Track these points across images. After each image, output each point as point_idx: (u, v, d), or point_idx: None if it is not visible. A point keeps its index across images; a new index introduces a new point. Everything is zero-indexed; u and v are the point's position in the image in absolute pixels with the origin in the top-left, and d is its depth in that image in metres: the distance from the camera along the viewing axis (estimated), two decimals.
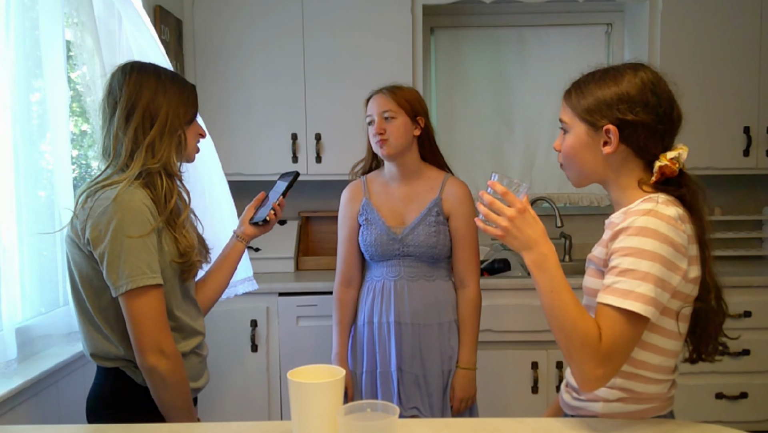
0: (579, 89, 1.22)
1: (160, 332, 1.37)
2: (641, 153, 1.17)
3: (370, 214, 2.04)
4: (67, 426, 1.44)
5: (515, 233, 1.14)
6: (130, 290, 1.33)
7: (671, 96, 1.18)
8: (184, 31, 2.95)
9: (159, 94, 1.45)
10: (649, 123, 1.15)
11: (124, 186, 1.36)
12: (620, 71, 1.19)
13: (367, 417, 1.05)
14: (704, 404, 2.82)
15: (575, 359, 1.09)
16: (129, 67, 1.48)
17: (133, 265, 1.33)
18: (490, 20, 3.36)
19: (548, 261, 1.12)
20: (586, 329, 1.08)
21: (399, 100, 1.96)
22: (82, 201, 1.39)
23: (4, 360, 1.53)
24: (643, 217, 1.09)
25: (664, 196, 1.14)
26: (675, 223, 1.09)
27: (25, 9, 1.68)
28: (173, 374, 1.39)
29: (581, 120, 1.20)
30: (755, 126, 3.03)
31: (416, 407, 1.99)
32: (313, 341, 2.78)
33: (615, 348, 1.07)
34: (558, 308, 1.10)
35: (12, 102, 1.60)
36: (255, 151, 3.02)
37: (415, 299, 1.99)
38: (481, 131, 3.41)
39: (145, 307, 1.35)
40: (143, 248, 1.35)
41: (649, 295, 1.06)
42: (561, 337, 1.10)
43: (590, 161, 1.20)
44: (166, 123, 1.44)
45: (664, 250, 1.07)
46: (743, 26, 3.00)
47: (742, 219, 3.28)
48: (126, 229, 1.33)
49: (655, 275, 1.07)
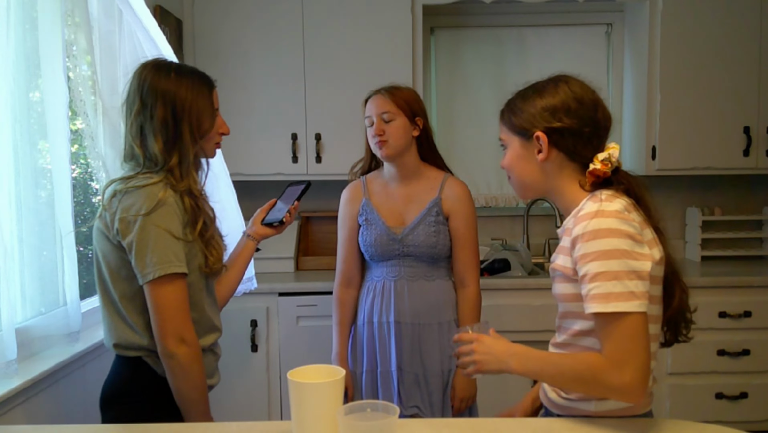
0: (509, 107, 1.33)
1: (182, 319, 1.40)
2: (574, 157, 1.24)
3: (370, 215, 2.04)
4: (67, 426, 1.44)
5: (485, 359, 1.27)
6: (156, 278, 1.36)
7: (595, 101, 1.25)
8: (184, 31, 2.95)
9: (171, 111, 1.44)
10: (573, 127, 1.22)
11: (156, 187, 1.40)
12: (543, 85, 1.28)
13: (367, 417, 1.05)
14: (704, 404, 2.82)
15: (602, 388, 1.13)
16: (144, 68, 1.48)
17: (160, 253, 1.36)
18: (490, 20, 3.36)
19: (524, 357, 1.23)
20: (584, 364, 1.15)
21: (397, 101, 1.96)
22: (111, 194, 1.42)
23: (3, 360, 1.52)
24: (593, 220, 1.13)
25: (607, 191, 1.19)
26: (623, 215, 1.13)
27: (25, 9, 1.68)
28: (192, 363, 1.41)
29: (514, 134, 1.30)
30: (755, 126, 3.03)
31: (416, 406, 1.99)
32: (313, 341, 2.78)
33: (622, 351, 1.10)
34: (556, 375, 1.20)
35: (12, 102, 1.60)
36: (255, 151, 3.02)
37: (415, 299, 1.99)
38: (481, 131, 3.41)
39: (170, 294, 1.38)
40: (170, 237, 1.38)
41: (628, 290, 1.09)
42: (577, 387, 1.18)
43: (529, 171, 1.28)
44: (184, 146, 1.45)
45: (624, 244, 1.11)
46: (743, 26, 3.00)
47: (742, 219, 3.28)
48: (154, 219, 1.37)
49: (626, 270, 1.10)
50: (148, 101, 1.43)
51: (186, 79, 1.48)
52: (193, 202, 1.46)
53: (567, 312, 1.25)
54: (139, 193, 1.38)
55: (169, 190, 1.41)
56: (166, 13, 2.71)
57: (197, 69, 1.56)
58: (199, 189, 1.50)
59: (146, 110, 1.43)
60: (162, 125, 1.43)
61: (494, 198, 3.41)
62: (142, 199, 1.37)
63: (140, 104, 1.44)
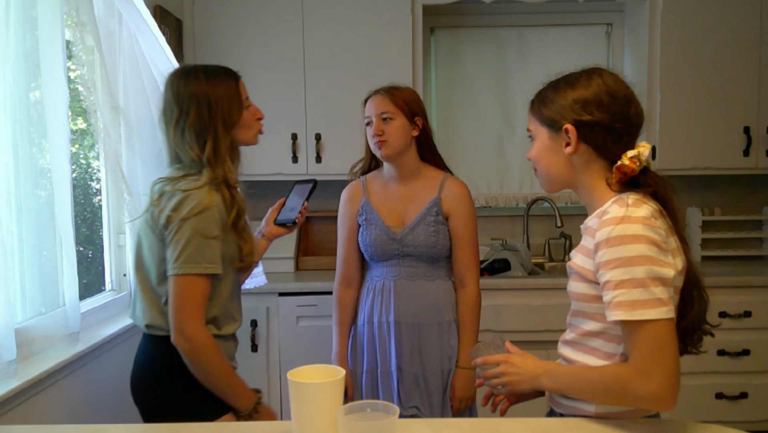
0: (540, 98, 1.28)
1: (185, 315, 1.50)
2: (602, 152, 1.21)
3: (370, 215, 2.04)
4: (67, 426, 1.44)
5: (518, 379, 1.25)
6: (180, 274, 1.49)
7: (629, 96, 1.22)
8: (184, 31, 2.95)
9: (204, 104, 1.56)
10: (604, 122, 1.19)
11: (204, 190, 1.52)
12: (576, 76, 1.24)
13: (367, 417, 1.05)
14: (704, 404, 2.82)
15: (632, 399, 1.11)
16: (174, 77, 1.61)
17: (190, 254, 1.49)
18: (490, 20, 3.36)
19: (554, 374, 1.22)
20: (611, 376, 1.13)
21: (397, 101, 1.96)
22: (159, 191, 1.56)
23: (3, 361, 1.52)
24: (619, 226, 1.11)
25: (634, 195, 1.17)
26: (650, 222, 1.11)
27: (25, 9, 1.68)
28: (194, 355, 1.52)
29: (543, 125, 1.26)
30: (755, 126, 3.03)
31: (416, 406, 1.98)
32: (313, 341, 2.78)
33: (649, 359, 1.08)
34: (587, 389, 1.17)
35: (12, 101, 1.60)
36: (255, 151, 2.95)
37: (415, 299, 1.99)
38: (481, 131, 3.41)
39: (184, 291, 1.50)
40: (205, 243, 1.50)
41: (655, 297, 1.08)
42: (608, 400, 1.16)
43: (555, 164, 1.25)
44: (216, 137, 1.57)
45: (649, 250, 1.09)
46: (743, 26, 3.00)
47: (742, 219, 3.28)
48: (194, 222, 1.49)
49: (651, 277, 1.08)
50: (183, 107, 1.56)
51: (212, 77, 1.60)
52: (228, 193, 1.57)
53: (578, 311, 1.23)
54: (185, 195, 1.51)
55: (213, 193, 1.53)
56: (166, 13, 2.71)
57: (221, 65, 1.67)
58: (235, 178, 1.60)
59: (184, 115, 1.56)
60: (198, 123, 1.56)
61: (494, 198, 3.41)
62: (186, 202, 1.50)
63: (178, 111, 1.57)
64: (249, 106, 1.67)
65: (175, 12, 2.85)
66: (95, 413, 1.95)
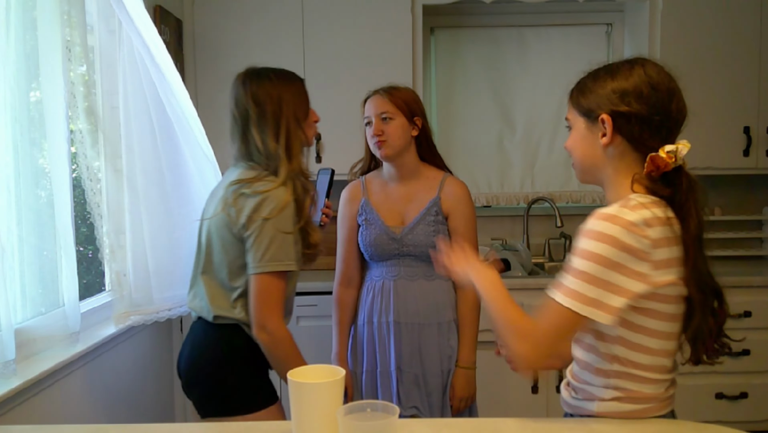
0: (579, 87, 1.27)
1: (267, 311, 1.61)
2: (637, 145, 1.17)
3: (369, 215, 2.04)
4: (67, 426, 1.44)
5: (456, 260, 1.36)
6: (262, 273, 1.59)
7: (672, 90, 1.17)
8: (184, 31, 2.95)
9: (278, 102, 1.68)
10: (642, 114, 1.15)
11: (281, 189, 1.61)
12: (617, 66, 1.22)
13: (367, 417, 1.05)
14: (704, 404, 2.82)
15: (505, 342, 1.20)
16: (246, 78, 1.71)
17: (273, 253, 1.59)
18: (490, 20, 3.36)
19: (483, 277, 1.28)
20: (510, 314, 1.21)
21: (396, 101, 1.96)
22: (237, 192, 1.63)
23: (2, 361, 1.53)
24: (600, 221, 1.12)
25: (643, 198, 1.14)
26: (634, 228, 1.09)
27: (25, 9, 1.68)
28: (274, 348, 1.64)
29: (580, 115, 1.25)
30: (755, 126, 3.04)
31: (416, 406, 1.99)
32: (313, 341, 2.78)
33: (537, 329, 1.16)
34: (491, 304, 1.24)
35: (12, 101, 1.60)
36: None
37: (415, 299, 1.99)
38: (481, 131, 3.41)
39: (266, 288, 1.61)
40: (286, 240, 1.60)
41: (575, 289, 1.11)
42: (494, 325, 1.23)
43: (590, 154, 1.24)
44: (290, 131, 1.67)
45: (610, 252, 1.09)
46: (743, 26, 3.00)
47: (742, 219, 3.28)
48: (275, 223, 1.59)
49: (590, 273, 1.10)
50: (259, 104, 1.66)
51: (283, 77, 1.74)
52: (300, 184, 1.66)
53: None
54: (265, 197, 1.60)
55: (288, 191, 1.62)
56: (166, 13, 2.71)
57: (286, 69, 1.79)
58: (306, 168, 1.71)
59: (261, 112, 1.66)
60: (274, 120, 1.66)
61: (495, 197, 3.41)
62: (267, 203, 1.59)
63: (254, 108, 1.67)
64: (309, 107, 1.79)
65: (175, 12, 2.85)
66: (95, 413, 1.95)
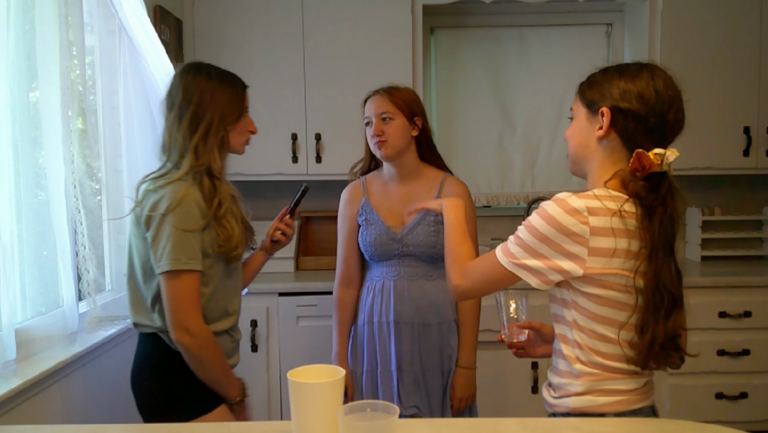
0: (588, 80, 1.31)
1: (186, 311, 1.53)
2: (629, 144, 1.21)
3: (370, 215, 2.04)
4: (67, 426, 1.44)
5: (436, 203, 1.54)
6: (167, 272, 1.51)
7: (673, 99, 1.21)
8: (184, 31, 2.95)
9: (207, 97, 1.60)
10: (640, 114, 1.20)
11: (179, 182, 1.54)
12: (627, 66, 1.26)
13: (367, 417, 1.05)
14: (704, 404, 2.82)
15: (449, 273, 1.37)
16: (185, 69, 1.65)
17: (171, 250, 1.51)
18: (490, 20, 3.36)
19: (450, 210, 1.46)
20: (462, 250, 1.38)
21: (396, 101, 1.96)
22: (144, 192, 1.58)
23: (2, 361, 1.53)
24: (550, 202, 1.20)
25: (601, 191, 1.19)
26: (573, 213, 1.16)
27: (25, 9, 1.68)
28: (199, 350, 1.55)
29: (583, 105, 1.29)
30: (755, 126, 3.03)
31: (416, 406, 1.98)
32: (313, 341, 2.78)
33: (473, 270, 1.31)
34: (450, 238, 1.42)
35: (12, 101, 1.60)
36: (255, 151, 2.97)
37: (415, 299, 1.99)
38: (482, 131, 3.41)
39: (178, 288, 1.52)
40: (184, 237, 1.52)
41: (511, 251, 1.24)
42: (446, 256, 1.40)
43: (583, 145, 1.29)
44: (210, 127, 1.60)
45: (545, 229, 1.18)
46: (743, 26, 3.00)
47: (742, 219, 3.28)
48: (172, 218, 1.51)
49: (525, 242, 1.22)
50: (187, 96, 1.60)
51: (222, 77, 1.66)
52: (210, 183, 1.59)
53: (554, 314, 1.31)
54: (164, 191, 1.53)
55: (189, 185, 1.54)
56: (166, 13, 2.71)
57: (233, 73, 1.71)
58: (218, 168, 1.62)
59: (185, 103, 1.60)
60: (197, 113, 1.60)
61: (495, 197, 3.41)
62: (165, 197, 1.52)
63: (180, 98, 1.61)
64: (246, 115, 1.72)
65: (175, 12, 2.85)
66: (95, 413, 1.95)
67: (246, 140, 1.74)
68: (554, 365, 1.31)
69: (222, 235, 1.59)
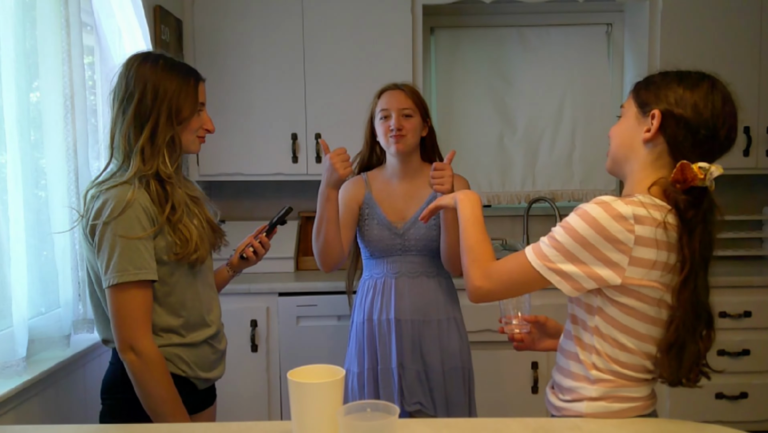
0: (646, 80, 1.27)
1: (132, 328, 1.40)
2: (675, 152, 1.18)
3: (372, 209, 2.04)
4: (67, 426, 1.44)
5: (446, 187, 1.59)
6: (113, 285, 1.38)
7: (728, 115, 1.18)
8: (184, 31, 2.95)
9: (152, 90, 1.45)
10: (692, 123, 1.17)
11: (124, 186, 1.41)
12: (688, 73, 1.23)
13: (367, 417, 1.05)
14: (704, 404, 2.82)
15: (467, 271, 1.30)
16: (131, 58, 1.50)
17: (116, 262, 1.38)
18: (491, 20, 3.36)
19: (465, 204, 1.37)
20: (480, 248, 1.31)
21: (416, 100, 2.02)
22: (89, 200, 1.45)
23: (14, 358, 1.54)
24: (594, 205, 1.15)
25: (647, 198, 1.15)
26: (619, 219, 1.12)
27: (25, 9, 1.68)
28: (143, 372, 1.41)
29: (635, 104, 1.25)
30: (755, 126, 3.03)
31: (419, 402, 1.99)
32: (313, 341, 2.78)
33: (498, 270, 1.25)
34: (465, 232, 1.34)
35: (12, 101, 1.60)
36: (255, 151, 3.02)
37: (416, 296, 2.00)
38: (482, 131, 3.41)
39: (122, 303, 1.40)
40: (131, 246, 1.39)
41: (546, 253, 1.18)
42: (463, 253, 1.33)
43: (627, 144, 1.25)
44: (156, 126, 1.45)
45: (587, 233, 1.14)
46: (743, 26, 3.00)
47: (742, 219, 3.28)
48: (115, 226, 1.38)
49: (563, 245, 1.16)
50: (130, 88, 1.45)
51: (172, 68, 1.50)
52: (159, 187, 1.45)
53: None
54: (107, 196, 1.40)
55: (135, 189, 1.41)
56: (166, 13, 2.71)
57: (187, 64, 1.57)
58: (169, 173, 1.47)
59: (128, 96, 1.45)
60: (139, 108, 1.44)
61: (496, 196, 3.41)
62: (108, 204, 1.39)
63: (123, 91, 1.46)
64: (202, 111, 1.55)
65: (175, 12, 2.84)
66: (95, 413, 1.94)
67: (200, 138, 1.56)
68: (563, 366, 1.28)
69: (178, 240, 1.45)
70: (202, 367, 1.56)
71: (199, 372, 1.55)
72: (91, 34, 2.07)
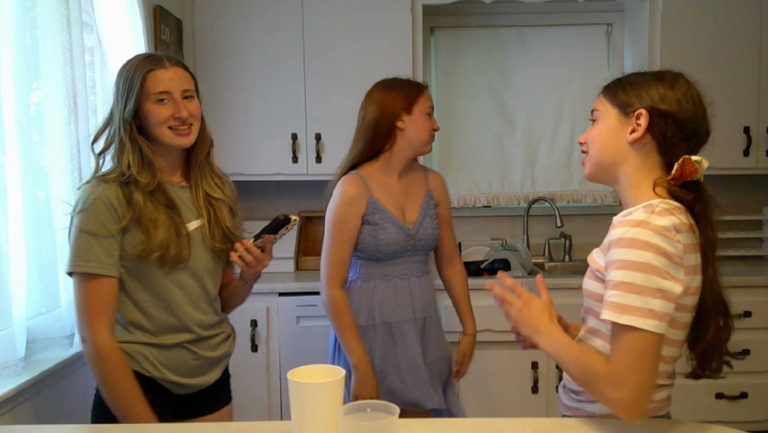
0: (620, 80, 1.25)
1: (85, 319, 1.43)
2: (664, 149, 1.18)
3: (381, 213, 1.98)
4: (67, 426, 1.44)
5: (521, 322, 1.26)
6: (73, 273, 1.43)
7: (705, 109, 1.22)
8: (184, 31, 2.95)
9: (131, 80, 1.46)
10: (680, 117, 1.17)
11: (93, 183, 1.46)
12: (662, 73, 1.23)
13: (367, 417, 1.05)
14: (704, 404, 2.82)
15: (599, 396, 1.12)
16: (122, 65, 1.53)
17: (70, 253, 1.43)
18: (491, 20, 3.36)
19: (550, 338, 1.20)
20: (590, 365, 1.12)
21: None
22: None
23: (13, 359, 1.54)
24: (634, 228, 1.08)
25: (666, 203, 1.13)
26: (667, 233, 1.07)
27: (25, 9, 1.68)
28: (95, 364, 1.44)
29: (614, 105, 1.22)
30: (755, 126, 3.03)
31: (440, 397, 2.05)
32: (313, 341, 2.78)
33: (625, 367, 1.07)
34: (569, 365, 1.17)
35: (12, 101, 1.60)
36: (255, 151, 3.02)
37: (422, 294, 2.04)
38: (481, 131, 3.41)
39: (78, 293, 1.44)
40: (84, 240, 1.42)
41: (648, 307, 1.05)
42: (582, 384, 1.17)
43: (612, 147, 1.21)
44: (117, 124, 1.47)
45: (657, 261, 1.06)
46: (743, 26, 3.00)
47: (742, 219, 3.28)
48: (77, 220, 1.44)
49: (651, 287, 1.05)
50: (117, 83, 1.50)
51: (131, 60, 1.51)
52: (121, 191, 1.44)
53: (588, 308, 1.23)
54: (81, 190, 1.47)
55: (103, 185, 1.44)
56: (166, 13, 2.71)
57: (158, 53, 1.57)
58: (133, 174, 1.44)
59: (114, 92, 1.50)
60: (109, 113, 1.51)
61: (495, 197, 3.41)
62: (80, 198, 1.45)
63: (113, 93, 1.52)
64: (164, 100, 1.45)
65: (175, 12, 2.84)
66: None
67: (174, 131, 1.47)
68: None
69: (142, 243, 1.43)
70: (177, 371, 1.53)
71: (169, 375, 1.51)
72: (91, 34, 2.07)
